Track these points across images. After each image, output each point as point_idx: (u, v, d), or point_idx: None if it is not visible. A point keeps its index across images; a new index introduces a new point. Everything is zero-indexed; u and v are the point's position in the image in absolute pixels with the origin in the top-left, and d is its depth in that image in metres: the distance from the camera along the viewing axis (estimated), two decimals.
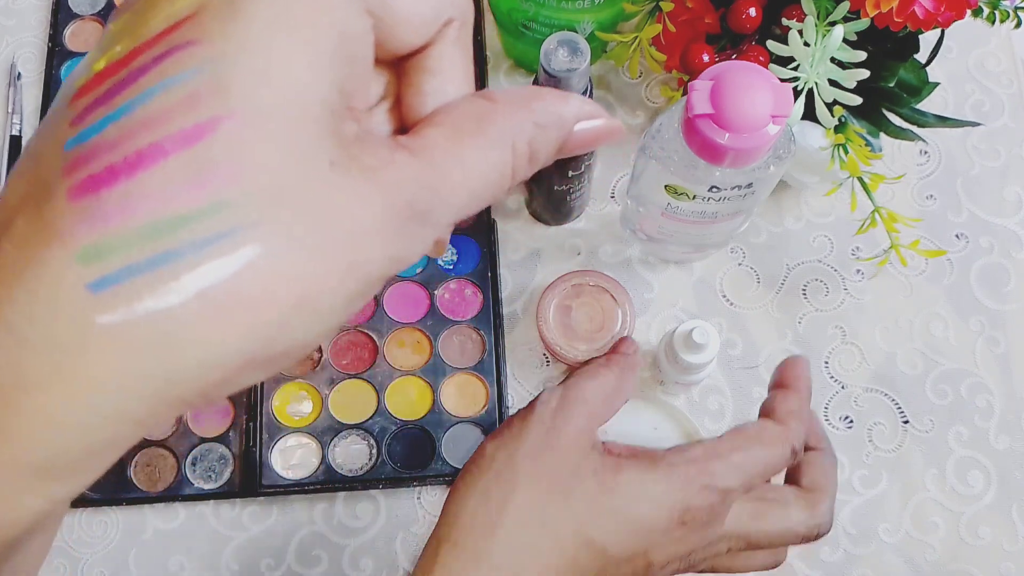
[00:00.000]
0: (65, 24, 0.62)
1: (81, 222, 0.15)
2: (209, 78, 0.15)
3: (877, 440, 0.53)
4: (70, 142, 0.16)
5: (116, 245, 0.15)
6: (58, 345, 0.15)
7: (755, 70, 0.37)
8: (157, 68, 0.16)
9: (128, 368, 0.15)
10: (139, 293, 0.15)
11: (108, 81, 0.16)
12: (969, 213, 0.57)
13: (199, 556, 0.52)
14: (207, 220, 0.15)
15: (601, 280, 0.50)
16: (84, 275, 0.15)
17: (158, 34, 0.16)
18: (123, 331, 0.15)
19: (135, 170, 0.15)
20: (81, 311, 0.15)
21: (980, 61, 0.60)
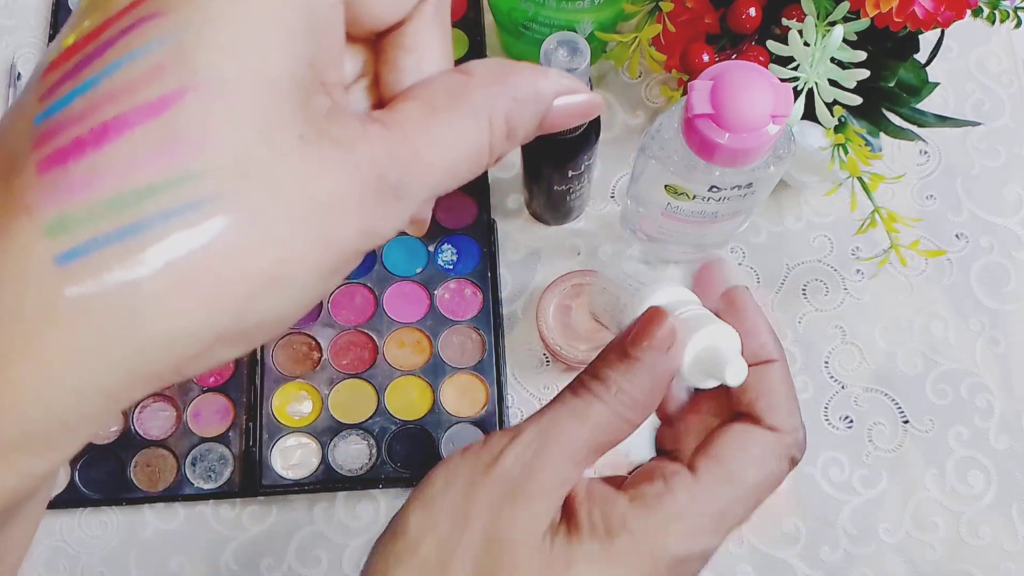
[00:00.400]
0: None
1: (48, 194, 0.15)
2: (173, 49, 0.15)
3: (877, 440, 0.53)
4: (39, 116, 0.16)
5: (83, 217, 0.15)
6: (26, 318, 0.15)
7: (755, 70, 0.37)
8: (122, 41, 0.16)
9: (97, 341, 0.15)
10: (107, 264, 0.15)
11: (76, 55, 0.16)
12: (969, 213, 0.57)
13: (199, 556, 0.52)
14: (173, 191, 0.15)
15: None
16: (51, 247, 0.15)
17: (124, 7, 0.16)
18: (91, 303, 0.15)
19: (101, 142, 0.15)
20: (49, 284, 0.15)
21: (980, 61, 0.60)
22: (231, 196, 0.15)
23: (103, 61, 0.16)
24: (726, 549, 0.52)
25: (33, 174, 0.15)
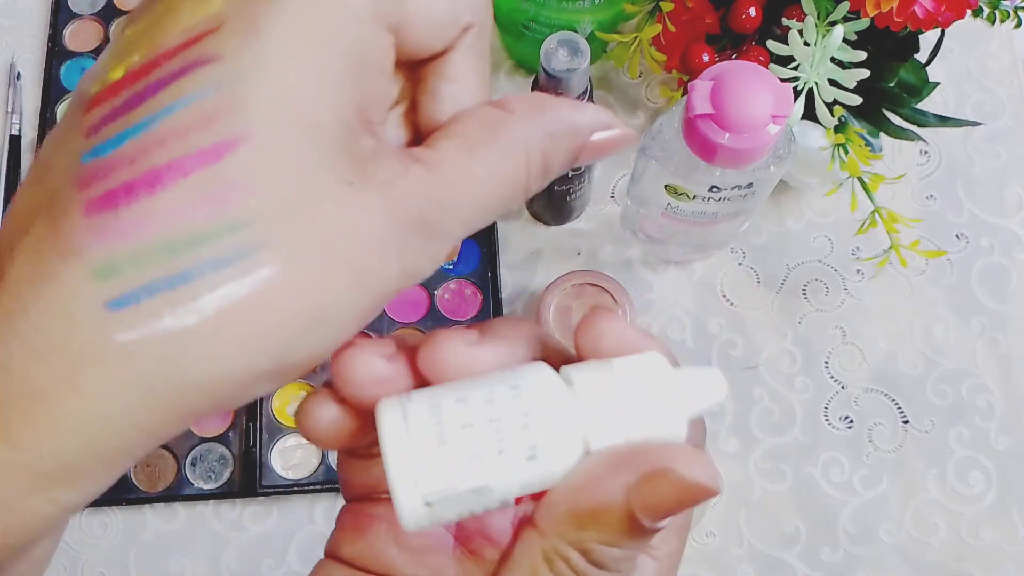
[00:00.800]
0: (65, 24, 0.62)
1: (98, 238, 0.15)
2: (227, 97, 0.15)
3: (877, 440, 0.53)
4: (86, 155, 0.16)
5: (133, 262, 0.15)
6: (72, 359, 0.15)
7: (755, 70, 0.37)
8: (176, 84, 0.16)
9: (142, 382, 0.15)
10: (157, 312, 0.15)
11: (124, 92, 0.16)
12: (969, 213, 0.57)
13: (199, 556, 0.52)
14: (223, 239, 0.15)
15: (601, 280, 0.50)
16: (101, 292, 0.15)
17: (176, 46, 0.16)
18: (139, 348, 0.15)
19: (153, 188, 0.15)
20: (98, 327, 0.15)
21: (981, 61, 0.60)
22: (278, 244, 0.15)
23: (155, 103, 0.15)
24: (726, 549, 0.52)
25: (81, 215, 0.15)
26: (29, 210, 0.16)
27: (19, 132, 0.60)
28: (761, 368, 0.54)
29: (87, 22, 0.62)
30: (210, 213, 0.15)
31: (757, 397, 0.54)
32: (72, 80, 0.61)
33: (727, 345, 0.55)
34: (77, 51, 0.61)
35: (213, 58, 0.16)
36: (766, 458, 0.53)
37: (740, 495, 0.52)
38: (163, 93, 0.15)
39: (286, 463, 0.53)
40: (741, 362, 0.54)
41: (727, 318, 0.55)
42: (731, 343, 0.55)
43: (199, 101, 0.15)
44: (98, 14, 0.62)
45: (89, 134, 0.16)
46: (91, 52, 0.61)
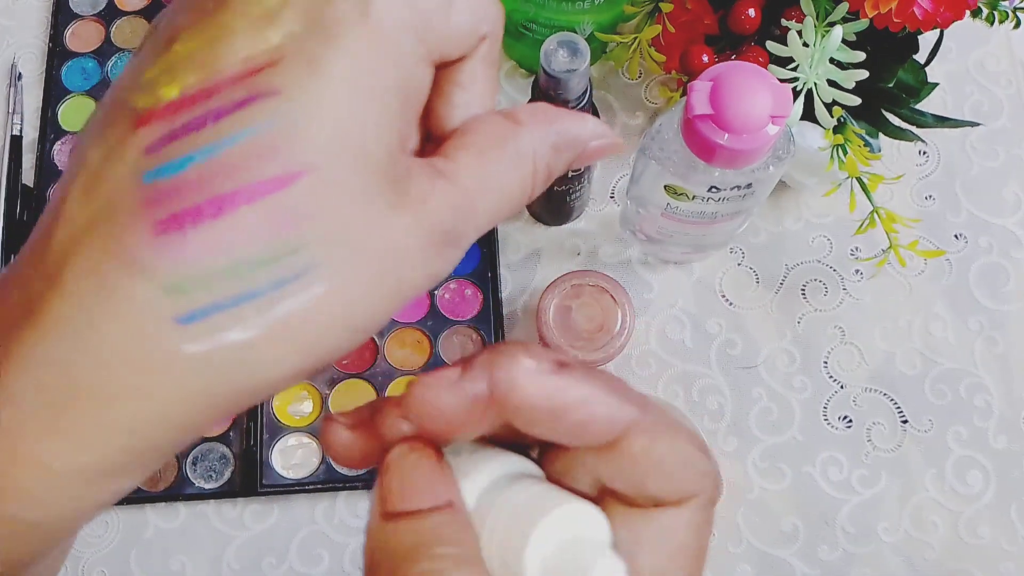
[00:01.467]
0: (65, 25, 0.62)
1: (167, 257, 0.16)
2: (291, 130, 0.16)
3: (876, 440, 0.53)
4: (148, 174, 0.16)
5: (201, 282, 0.16)
6: (141, 368, 0.16)
7: (754, 71, 0.37)
8: (239, 113, 0.16)
9: (205, 388, 0.17)
10: (223, 326, 0.16)
11: (183, 114, 0.17)
12: (968, 213, 0.57)
13: (200, 555, 0.52)
14: (284, 261, 0.16)
15: (601, 280, 0.50)
16: (171, 308, 0.16)
17: (236, 75, 0.17)
18: (205, 358, 0.16)
19: (219, 213, 0.16)
20: (167, 340, 0.16)
21: (979, 62, 0.60)
22: (330, 263, 0.17)
23: (219, 130, 0.16)
24: (724, 548, 0.52)
25: (148, 234, 0.16)
26: (84, 222, 0.17)
27: (20, 132, 0.60)
28: (760, 368, 0.54)
29: (88, 23, 0.62)
30: (272, 237, 0.16)
31: (756, 397, 0.54)
32: (73, 80, 0.61)
33: (726, 345, 0.55)
34: (78, 51, 0.62)
35: (276, 91, 0.17)
36: (765, 457, 0.53)
37: (739, 494, 0.52)
38: (226, 121, 0.16)
39: (287, 462, 0.53)
40: (740, 362, 0.55)
41: (726, 318, 0.55)
42: (730, 343, 0.55)
43: (264, 133, 0.16)
44: (99, 15, 0.63)
45: (148, 152, 0.17)
46: (92, 52, 0.61)
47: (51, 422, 0.16)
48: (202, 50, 0.17)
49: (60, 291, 0.16)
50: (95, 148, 0.17)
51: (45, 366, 0.16)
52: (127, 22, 0.62)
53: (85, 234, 0.17)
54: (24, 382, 0.16)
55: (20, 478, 0.17)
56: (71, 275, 0.16)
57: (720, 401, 0.54)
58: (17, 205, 0.57)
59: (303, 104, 0.17)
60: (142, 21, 0.63)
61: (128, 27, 0.62)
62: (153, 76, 0.17)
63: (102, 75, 0.61)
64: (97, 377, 0.16)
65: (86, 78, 0.61)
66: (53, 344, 0.16)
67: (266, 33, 0.17)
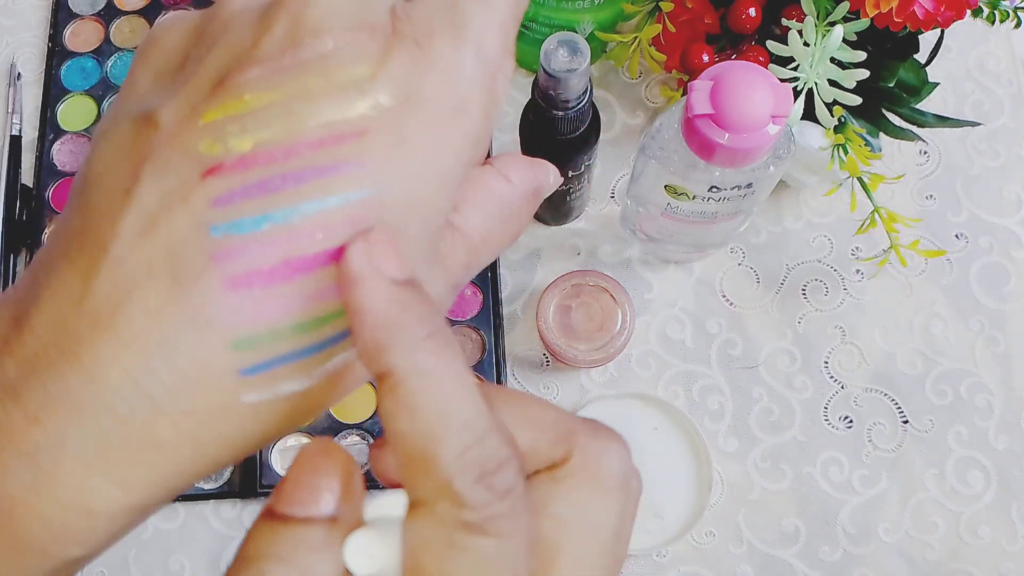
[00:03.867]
0: (65, 24, 0.62)
1: (237, 315, 0.16)
2: (371, 204, 0.17)
3: (877, 440, 0.53)
4: (218, 228, 0.16)
5: (268, 339, 0.17)
6: (199, 417, 0.17)
7: (755, 70, 0.37)
8: (322, 181, 0.17)
9: (254, 433, 0.17)
10: (284, 378, 0.17)
11: (257, 170, 0.16)
12: (969, 213, 0.57)
13: (199, 556, 0.52)
14: (343, 319, 0.17)
15: (601, 280, 0.50)
16: (236, 361, 0.16)
17: (318, 140, 0.17)
18: (263, 407, 0.17)
19: (292, 276, 0.16)
20: (229, 390, 0.17)
21: (980, 61, 0.60)
22: None
23: (299, 194, 0.16)
24: (726, 549, 0.52)
25: (218, 289, 0.16)
26: (141, 268, 0.16)
27: (19, 132, 0.60)
28: (760, 368, 0.54)
29: (87, 22, 0.62)
30: (338, 300, 0.17)
31: (756, 397, 0.54)
32: (72, 80, 0.61)
33: (726, 345, 0.55)
34: (77, 51, 0.61)
35: (361, 164, 0.17)
36: (765, 457, 0.53)
37: (739, 494, 0.52)
38: (308, 186, 0.16)
39: (286, 463, 0.53)
40: (740, 362, 0.54)
41: (726, 318, 0.55)
42: (731, 343, 0.55)
43: (344, 203, 0.17)
44: (98, 14, 0.62)
45: (216, 204, 0.16)
46: (91, 52, 0.61)
47: (98, 467, 0.16)
48: (279, 107, 0.17)
49: (112, 335, 0.16)
50: (148, 186, 0.17)
51: (96, 411, 0.16)
52: (126, 21, 0.62)
53: (142, 280, 0.16)
54: (71, 426, 0.16)
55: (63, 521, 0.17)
56: (125, 319, 0.16)
57: (720, 401, 0.54)
58: (16, 205, 0.57)
59: (388, 180, 0.17)
60: (141, 20, 0.62)
61: (127, 26, 0.62)
62: (217, 121, 0.17)
63: (101, 75, 0.61)
64: (152, 424, 0.16)
65: (85, 78, 0.61)
66: (105, 389, 0.16)
67: (353, 102, 0.17)
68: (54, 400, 0.16)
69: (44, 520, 0.16)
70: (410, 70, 0.17)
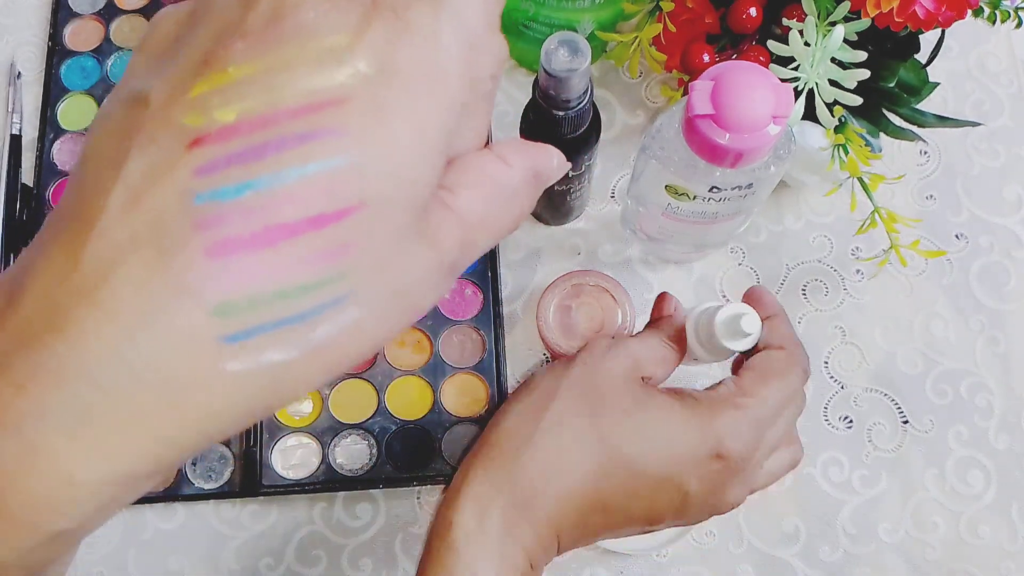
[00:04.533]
0: (65, 23, 0.62)
1: (217, 281, 0.16)
2: (350, 171, 0.17)
3: (877, 440, 0.53)
4: (201, 196, 0.16)
5: (249, 305, 0.17)
6: (181, 386, 0.17)
7: (756, 70, 0.37)
8: (302, 148, 0.17)
9: (242, 404, 0.17)
10: (266, 347, 0.17)
11: (239, 140, 0.17)
12: (969, 213, 0.57)
13: (199, 556, 0.52)
14: (327, 288, 0.17)
15: (601, 280, 0.50)
16: (217, 328, 0.16)
17: (298, 108, 0.17)
18: (246, 376, 0.17)
19: (274, 241, 0.17)
20: (211, 358, 0.17)
21: (980, 61, 0.60)
22: (364, 292, 0.18)
23: (279, 161, 0.17)
24: (726, 548, 0.52)
25: (200, 257, 0.16)
26: (126, 238, 0.17)
27: (20, 131, 0.60)
28: None
29: (87, 21, 0.62)
30: (321, 267, 0.17)
31: None
32: (72, 79, 0.61)
33: None
34: (77, 50, 0.61)
35: (339, 131, 0.17)
36: None
37: None
38: (287, 154, 0.17)
39: (286, 463, 0.53)
40: None
41: None
42: None
43: (324, 171, 0.17)
44: (99, 13, 0.62)
45: (199, 173, 0.17)
46: (91, 51, 0.61)
47: (80, 436, 0.16)
48: (261, 77, 0.17)
49: (97, 306, 0.16)
50: (135, 160, 0.17)
51: (77, 380, 0.16)
52: (126, 20, 0.62)
53: (127, 251, 0.16)
54: (54, 395, 0.16)
55: (45, 491, 0.17)
56: (110, 291, 0.16)
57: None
58: (17, 204, 0.57)
59: (367, 147, 0.17)
60: (141, 19, 0.62)
61: (127, 25, 0.62)
62: (203, 95, 0.17)
63: (102, 74, 0.61)
64: (134, 393, 0.16)
65: (85, 77, 0.61)
66: (88, 359, 0.16)
67: (332, 71, 0.17)
68: (39, 370, 0.16)
69: (28, 491, 0.17)
70: (388, 38, 0.18)
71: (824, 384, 0.54)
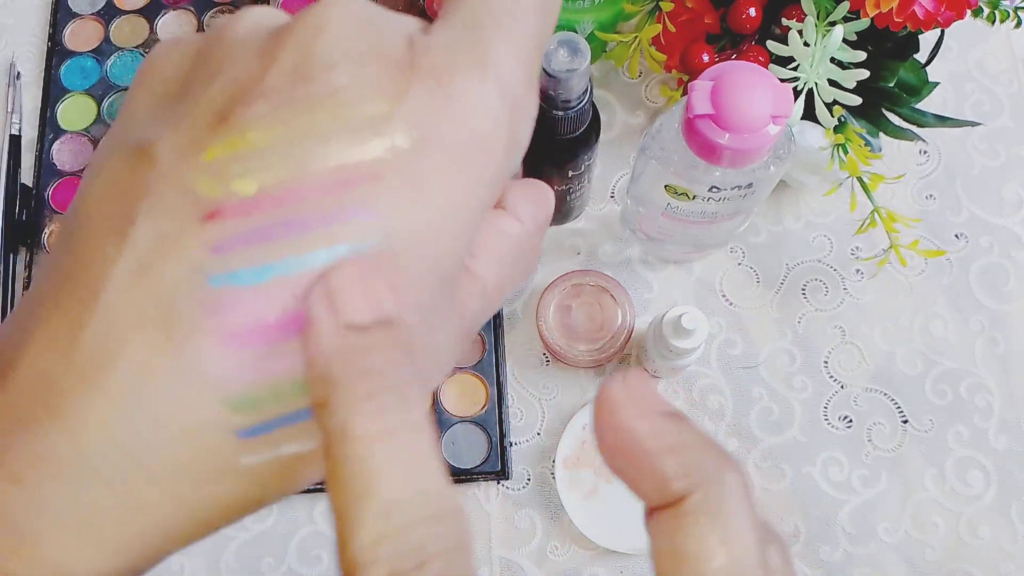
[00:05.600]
0: (65, 23, 0.62)
1: (234, 372, 0.15)
2: (381, 255, 0.15)
3: (876, 440, 0.53)
4: (217, 278, 0.15)
5: (270, 398, 0.15)
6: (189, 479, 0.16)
7: (755, 70, 0.37)
8: (330, 229, 0.15)
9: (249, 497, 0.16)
10: (283, 441, 0.16)
11: (260, 216, 0.15)
12: (969, 213, 0.57)
13: (200, 555, 0.52)
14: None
15: (601, 280, 0.50)
16: (233, 421, 0.15)
17: (327, 184, 0.15)
18: (260, 469, 0.16)
19: (293, 332, 0.15)
20: (225, 452, 0.16)
21: (980, 61, 0.60)
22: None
23: (305, 243, 0.15)
24: None
25: (214, 344, 0.15)
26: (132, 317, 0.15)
27: (19, 132, 0.60)
28: (760, 367, 0.54)
29: (87, 21, 0.62)
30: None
31: (756, 396, 0.54)
32: (72, 79, 0.61)
33: (726, 344, 0.55)
34: (77, 50, 0.61)
35: (373, 210, 0.15)
36: (765, 457, 0.53)
37: None
38: (314, 234, 0.15)
39: None
40: (740, 361, 0.54)
41: (726, 317, 0.55)
42: (730, 342, 0.55)
43: (357, 253, 0.15)
44: (98, 13, 0.62)
45: (216, 251, 0.15)
46: (91, 51, 0.61)
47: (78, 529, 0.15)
48: (286, 145, 0.15)
49: (97, 392, 0.15)
50: (143, 229, 0.15)
51: (75, 471, 0.15)
52: (126, 21, 0.62)
53: (133, 332, 0.15)
54: (49, 486, 0.15)
55: None
56: (112, 376, 0.15)
57: (720, 401, 0.54)
58: (16, 204, 0.57)
59: (401, 228, 0.15)
60: (141, 20, 0.62)
61: (127, 26, 0.62)
62: (219, 159, 0.15)
63: (101, 74, 0.61)
64: (138, 486, 0.15)
65: (85, 77, 0.61)
66: (86, 449, 0.15)
67: (367, 143, 0.15)
68: (36, 460, 0.15)
69: None
70: (429, 108, 0.16)
71: (824, 384, 0.54)
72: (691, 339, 0.46)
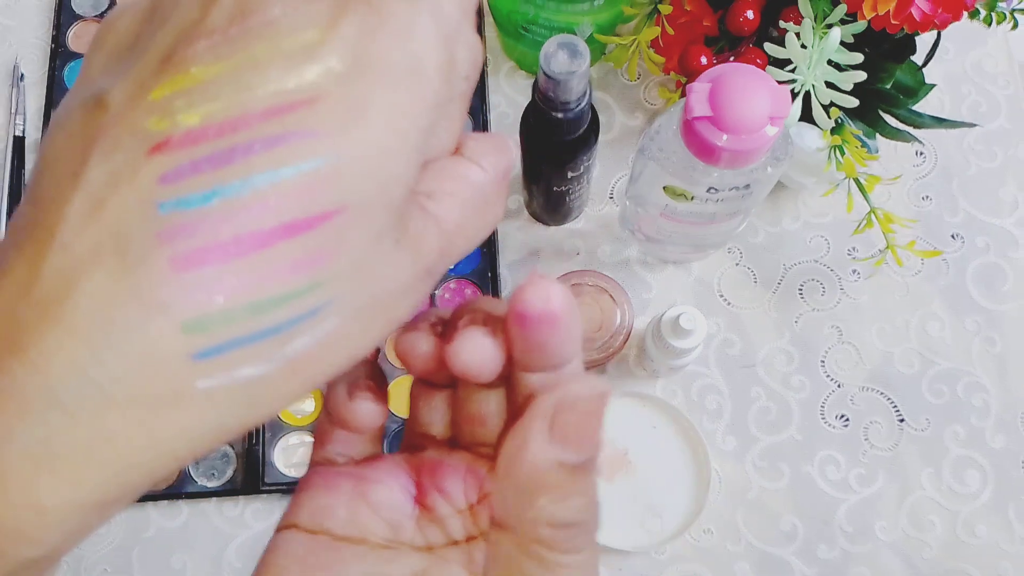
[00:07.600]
0: (68, 25, 0.62)
1: (186, 295, 0.15)
2: (327, 173, 0.16)
3: (873, 439, 0.54)
4: (166, 204, 0.15)
5: (221, 320, 0.16)
6: (150, 405, 0.16)
7: (753, 72, 0.37)
8: (273, 152, 0.16)
9: (215, 422, 0.16)
10: (239, 362, 0.16)
11: (206, 144, 0.16)
12: (965, 213, 0.57)
13: (202, 554, 0.53)
14: (303, 299, 0.16)
15: (600, 280, 0.51)
16: (188, 344, 0.16)
17: (267, 109, 0.16)
18: (219, 393, 0.16)
19: (246, 252, 0.16)
20: (182, 376, 0.16)
21: (977, 62, 0.60)
22: (342, 301, 0.17)
23: (249, 166, 0.16)
24: (724, 547, 0.52)
25: (167, 270, 0.15)
26: (87, 250, 0.16)
27: (23, 133, 0.60)
28: (758, 367, 0.55)
29: (90, 23, 0.63)
30: (296, 277, 0.16)
31: (754, 396, 0.54)
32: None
33: (724, 344, 0.55)
34: (80, 52, 0.62)
35: (313, 132, 0.16)
36: (763, 456, 0.53)
37: (737, 493, 0.53)
38: (258, 157, 0.16)
39: (288, 461, 0.53)
40: (738, 361, 0.55)
41: (724, 317, 0.56)
42: (728, 342, 0.55)
43: (298, 174, 0.16)
44: (101, 15, 0.63)
45: (164, 181, 0.16)
46: None
47: (47, 463, 0.16)
48: (227, 78, 0.16)
49: (58, 324, 0.15)
50: (95, 167, 0.16)
51: (42, 405, 0.15)
52: None
53: (89, 264, 0.16)
54: (16, 420, 0.15)
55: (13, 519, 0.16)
56: (72, 308, 0.15)
57: (719, 400, 0.54)
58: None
59: (343, 148, 0.16)
60: None
61: None
62: (165, 97, 0.16)
63: None
64: (102, 416, 0.16)
65: None
66: (52, 381, 0.15)
67: (303, 68, 0.16)
68: (2, 396, 0.15)
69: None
70: (362, 33, 0.17)
71: (821, 383, 0.54)
72: (690, 339, 0.47)
